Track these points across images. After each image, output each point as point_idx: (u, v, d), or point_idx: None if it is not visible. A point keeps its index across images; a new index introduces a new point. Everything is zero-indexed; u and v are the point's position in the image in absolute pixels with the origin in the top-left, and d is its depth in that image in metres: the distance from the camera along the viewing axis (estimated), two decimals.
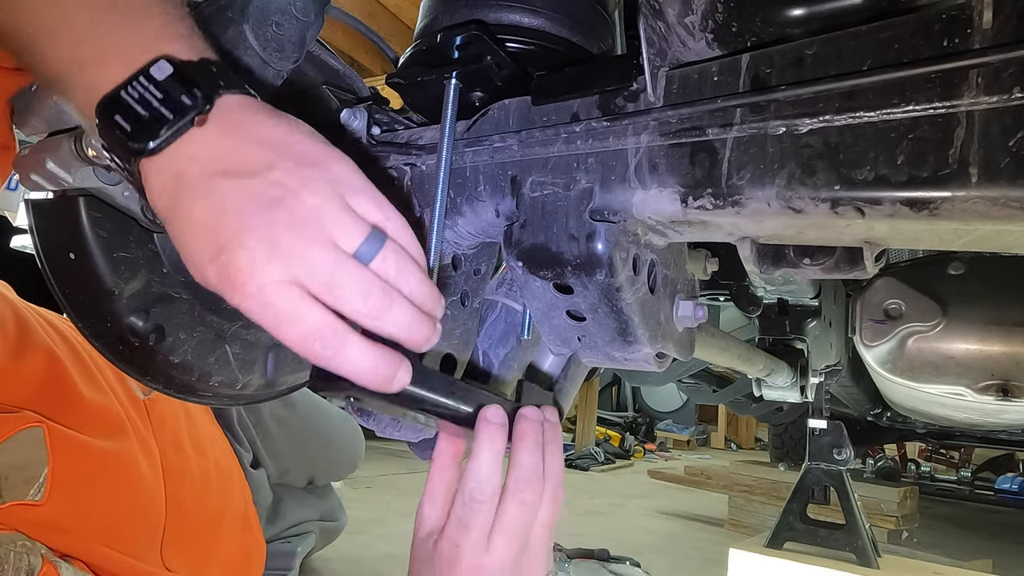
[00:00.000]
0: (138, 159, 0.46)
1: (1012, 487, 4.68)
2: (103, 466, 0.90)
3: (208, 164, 0.45)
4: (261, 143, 0.46)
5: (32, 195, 0.75)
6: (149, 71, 0.46)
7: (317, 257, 0.44)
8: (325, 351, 0.44)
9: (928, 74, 0.47)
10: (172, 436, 1.09)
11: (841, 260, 0.66)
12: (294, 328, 0.43)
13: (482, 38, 0.68)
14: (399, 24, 3.48)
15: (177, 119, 0.45)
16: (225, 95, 0.47)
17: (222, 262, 0.43)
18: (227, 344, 0.86)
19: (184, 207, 0.45)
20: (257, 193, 0.44)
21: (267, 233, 0.43)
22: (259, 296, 0.43)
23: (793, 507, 1.83)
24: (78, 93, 0.48)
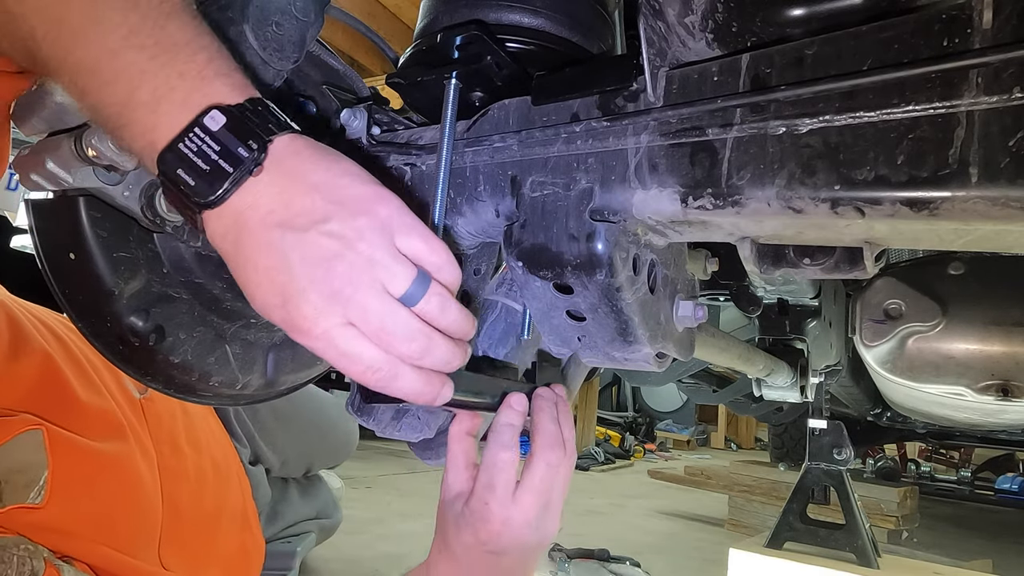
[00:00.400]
0: (202, 211, 0.50)
1: (1012, 487, 4.68)
2: (102, 468, 0.90)
3: (267, 214, 0.50)
4: (314, 190, 0.50)
5: (32, 195, 0.75)
6: (203, 122, 0.49)
7: (371, 306, 0.49)
8: (380, 382, 0.51)
9: (928, 74, 0.47)
10: (168, 435, 1.09)
11: (841, 260, 0.66)
12: (355, 365, 0.50)
13: (482, 38, 0.68)
14: (399, 24, 3.48)
15: (237, 173, 0.49)
16: (275, 139, 0.51)
17: (289, 309, 0.49)
18: (227, 344, 0.86)
19: (247, 255, 0.50)
20: (317, 246, 0.49)
21: (327, 286, 0.49)
22: (323, 339, 0.49)
23: (793, 507, 1.83)
24: (133, 137, 0.51)
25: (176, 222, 0.75)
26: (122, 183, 0.71)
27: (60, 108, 0.69)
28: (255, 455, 1.51)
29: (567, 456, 0.69)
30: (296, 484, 1.79)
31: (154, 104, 0.50)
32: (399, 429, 0.73)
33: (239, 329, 0.88)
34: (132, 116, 0.50)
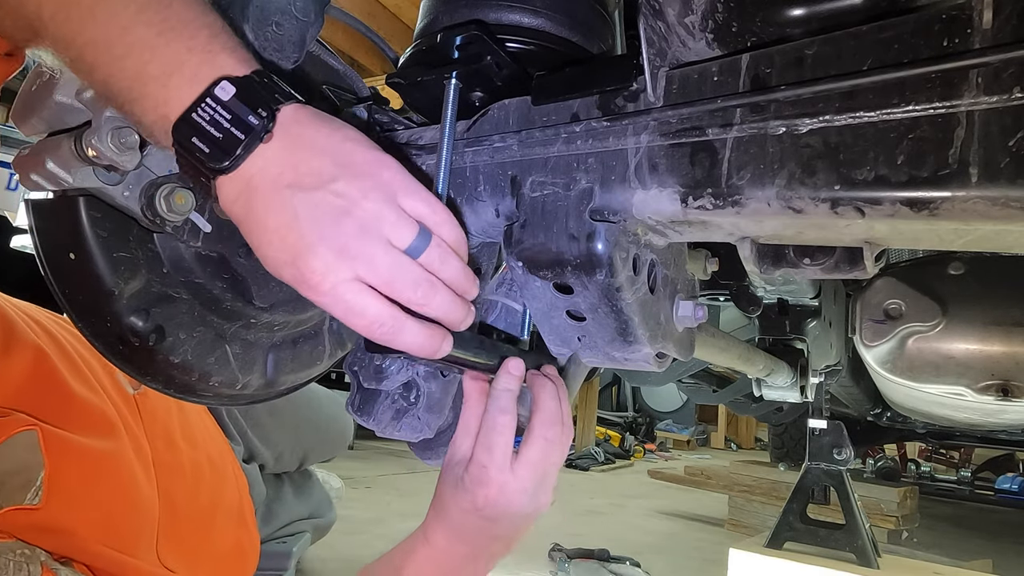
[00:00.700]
0: (216, 177, 0.52)
1: (1012, 487, 4.68)
2: (98, 466, 0.90)
3: (276, 176, 0.52)
4: (322, 154, 0.53)
5: (32, 195, 0.74)
6: (214, 92, 0.52)
7: (378, 258, 0.52)
8: (386, 335, 0.53)
9: (928, 74, 0.47)
10: (163, 430, 1.08)
11: (841, 260, 0.66)
12: (361, 318, 0.52)
13: (482, 38, 0.68)
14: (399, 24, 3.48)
15: (249, 139, 0.52)
16: (283, 108, 0.53)
17: (298, 266, 0.51)
18: (227, 344, 0.86)
19: (258, 216, 0.52)
20: (324, 204, 0.52)
21: (336, 241, 0.51)
22: (331, 293, 0.51)
23: (793, 507, 1.83)
24: (144, 111, 0.53)
25: (176, 222, 0.75)
26: (122, 183, 0.71)
27: (60, 108, 0.69)
28: (249, 452, 1.50)
29: (564, 433, 0.71)
30: (290, 483, 1.79)
31: (165, 78, 0.52)
32: (399, 429, 0.73)
33: (239, 329, 0.88)
34: (144, 90, 0.53)
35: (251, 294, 0.86)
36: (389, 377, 0.69)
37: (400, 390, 0.72)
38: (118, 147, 0.66)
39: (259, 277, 0.87)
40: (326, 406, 1.85)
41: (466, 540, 0.72)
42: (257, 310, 0.88)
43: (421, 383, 0.72)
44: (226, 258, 0.84)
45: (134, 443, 0.99)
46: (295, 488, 1.79)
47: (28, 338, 0.94)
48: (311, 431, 1.76)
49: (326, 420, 1.83)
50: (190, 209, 0.75)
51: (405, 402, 0.72)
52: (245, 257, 0.85)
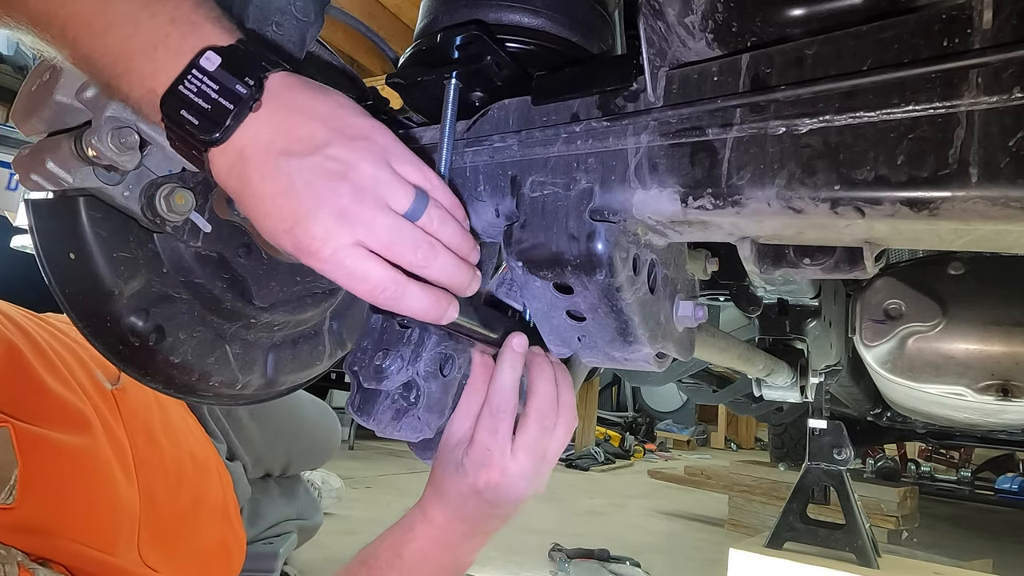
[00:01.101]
0: (208, 148, 0.51)
1: (1012, 487, 4.68)
2: (73, 463, 0.88)
3: (268, 143, 0.51)
4: (313, 119, 0.52)
5: (32, 195, 0.74)
6: (199, 63, 0.51)
7: (377, 222, 0.51)
8: (389, 300, 0.52)
9: (928, 74, 0.47)
10: (143, 427, 1.06)
11: (841, 260, 0.66)
12: (363, 283, 0.51)
13: (482, 38, 0.68)
14: (399, 24, 3.48)
15: (237, 108, 0.50)
16: (270, 75, 0.52)
17: (297, 233, 0.50)
18: (227, 344, 0.86)
19: (253, 186, 0.51)
20: (320, 169, 0.51)
21: (335, 204, 0.50)
22: (332, 259, 0.51)
23: (793, 507, 1.83)
24: (131, 85, 0.52)
25: (176, 222, 0.75)
26: (122, 183, 0.71)
27: (60, 108, 0.69)
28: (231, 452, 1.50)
29: (563, 419, 0.71)
30: (277, 484, 1.78)
31: (150, 51, 0.51)
32: (399, 429, 0.73)
33: (239, 329, 0.88)
34: (129, 65, 0.52)
35: (251, 294, 0.86)
36: (389, 377, 0.69)
37: (400, 390, 0.72)
38: (118, 147, 0.66)
39: (259, 277, 0.87)
40: (310, 413, 1.83)
41: (465, 519, 0.72)
42: (257, 310, 0.88)
43: (421, 383, 0.72)
44: (226, 258, 0.84)
45: (112, 440, 0.97)
46: (281, 490, 1.78)
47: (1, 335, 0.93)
48: (293, 438, 1.74)
49: (310, 428, 1.81)
50: (190, 209, 0.75)
51: (405, 402, 0.72)
52: (245, 257, 0.85)
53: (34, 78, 0.72)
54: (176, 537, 1.06)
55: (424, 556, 0.73)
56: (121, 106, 0.66)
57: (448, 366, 0.76)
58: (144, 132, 0.68)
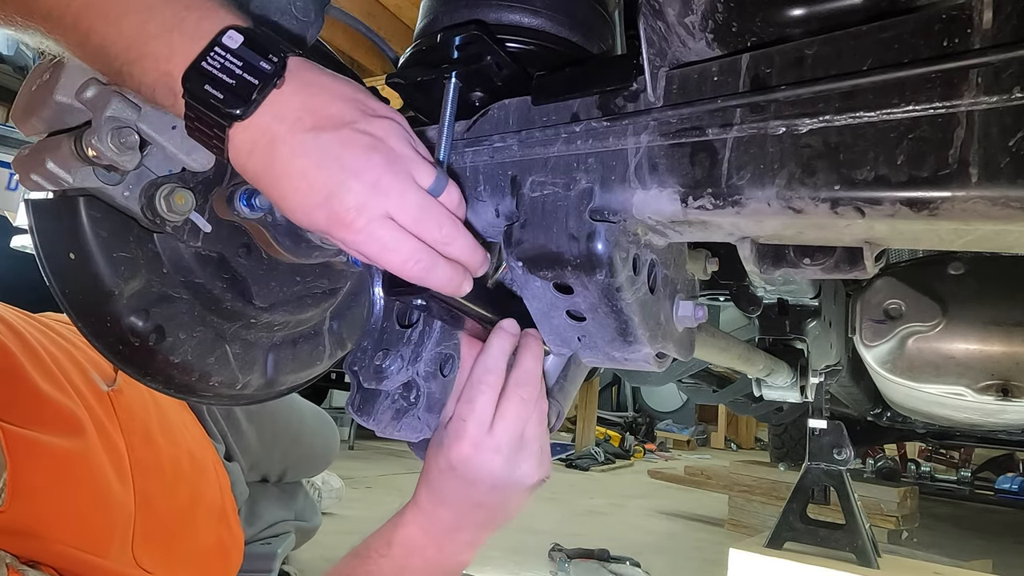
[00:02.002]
0: (230, 124, 0.51)
1: (1012, 487, 4.68)
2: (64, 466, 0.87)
3: (296, 121, 0.51)
4: (340, 99, 0.53)
5: (32, 195, 0.74)
6: (222, 41, 0.51)
7: (408, 195, 0.52)
8: (420, 272, 0.54)
9: (928, 74, 0.47)
10: (140, 427, 1.05)
11: (841, 260, 0.66)
12: (395, 255, 0.53)
13: (482, 38, 0.68)
14: (399, 24, 3.48)
15: (263, 83, 0.51)
16: (290, 56, 0.53)
17: (332, 205, 0.51)
18: (227, 344, 0.86)
19: (281, 163, 0.52)
20: (351, 141, 0.52)
21: (369, 176, 0.51)
22: (366, 230, 0.51)
23: (793, 507, 1.83)
24: (145, 71, 0.52)
25: (176, 222, 0.75)
26: (122, 183, 0.71)
27: (60, 108, 0.69)
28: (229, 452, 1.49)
29: (541, 398, 0.69)
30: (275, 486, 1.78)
31: (166, 35, 0.52)
32: (399, 429, 0.73)
33: (239, 329, 0.88)
34: (143, 49, 0.52)
35: (251, 294, 0.86)
36: (389, 377, 0.69)
37: (400, 390, 0.72)
38: (118, 147, 0.66)
39: (259, 277, 0.87)
40: (309, 421, 1.82)
41: (447, 504, 0.70)
42: (257, 310, 0.88)
43: (421, 383, 0.72)
44: (226, 258, 0.84)
45: (106, 441, 0.96)
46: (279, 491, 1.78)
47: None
48: (291, 445, 1.73)
49: (309, 435, 1.80)
50: (190, 209, 0.75)
51: (405, 402, 0.72)
52: (245, 257, 0.85)
53: (34, 78, 0.72)
54: (172, 537, 1.06)
55: (413, 548, 0.71)
56: (121, 106, 0.65)
57: (448, 366, 0.76)
58: (144, 132, 0.68)
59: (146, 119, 0.67)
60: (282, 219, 0.83)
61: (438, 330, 0.72)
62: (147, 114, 0.66)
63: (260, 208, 0.79)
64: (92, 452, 0.93)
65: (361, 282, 1.04)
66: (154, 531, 1.00)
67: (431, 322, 0.71)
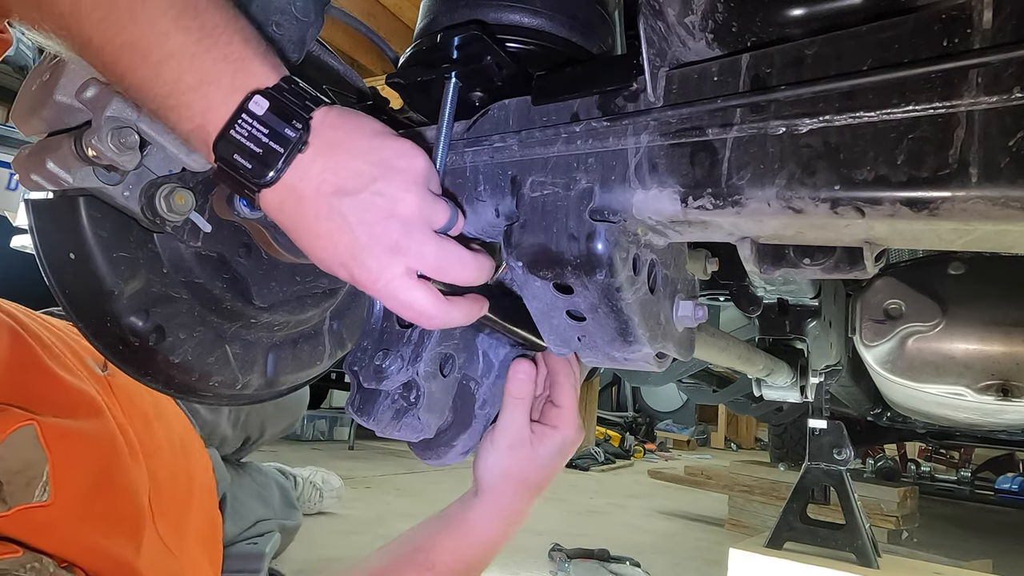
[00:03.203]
0: (260, 190, 0.55)
1: (1012, 487, 4.68)
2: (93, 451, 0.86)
3: (320, 184, 0.55)
4: (356, 155, 0.56)
5: (32, 195, 0.74)
6: (248, 107, 0.54)
7: (426, 249, 0.57)
8: (435, 322, 0.59)
9: (928, 74, 0.47)
10: (139, 410, 1.05)
11: (841, 260, 0.66)
12: (411, 311, 0.57)
13: (482, 38, 0.68)
14: (399, 24, 3.48)
15: (288, 152, 0.54)
16: (314, 114, 0.56)
17: (352, 266, 0.56)
18: (227, 344, 0.86)
19: (308, 224, 0.56)
20: (370, 206, 0.55)
21: (386, 240, 0.55)
22: (386, 291, 0.56)
23: (793, 507, 1.83)
24: (180, 119, 0.55)
25: (176, 222, 0.75)
26: (122, 183, 0.71)
27: (60, 108, 0.69)
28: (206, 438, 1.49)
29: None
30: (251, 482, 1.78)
31: (203, 88, 0.54)
32: (399, 429, 0.73)
33: (239, 329, 0.88)
34: (181, 99, 0.54)
35: (251, 294, 0.86)
36: (389, 377, 0.69)
37: (400, 390, 0.72)
38: (118, 147, 0.66)
39: (259, 277, 0.87)
40: None
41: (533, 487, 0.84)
42: (257, 310, 0.88)
43: (421, 383, 0.72)
44: (226, 258, 0.84)
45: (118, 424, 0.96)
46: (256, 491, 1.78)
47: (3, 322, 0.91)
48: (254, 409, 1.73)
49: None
50: (190, 209, 0.75)
51: (405, 402, 0.72)
52: (245, 257, 0.85)
53: (34, 78, 0.72)
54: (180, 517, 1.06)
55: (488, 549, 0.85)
56: (121, 106, 0.66)
57: (448, 366, 0.76)
58: (144, 132, 0.68)
59: (146, 119, 0.67)
60: None
61: (438, 330, 0.72)
62: (147, 114, 0.66)
63: (260, 208, 0.78)
64: (111, 433, 0.93)
65: None
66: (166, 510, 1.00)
67: None
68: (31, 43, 2.03)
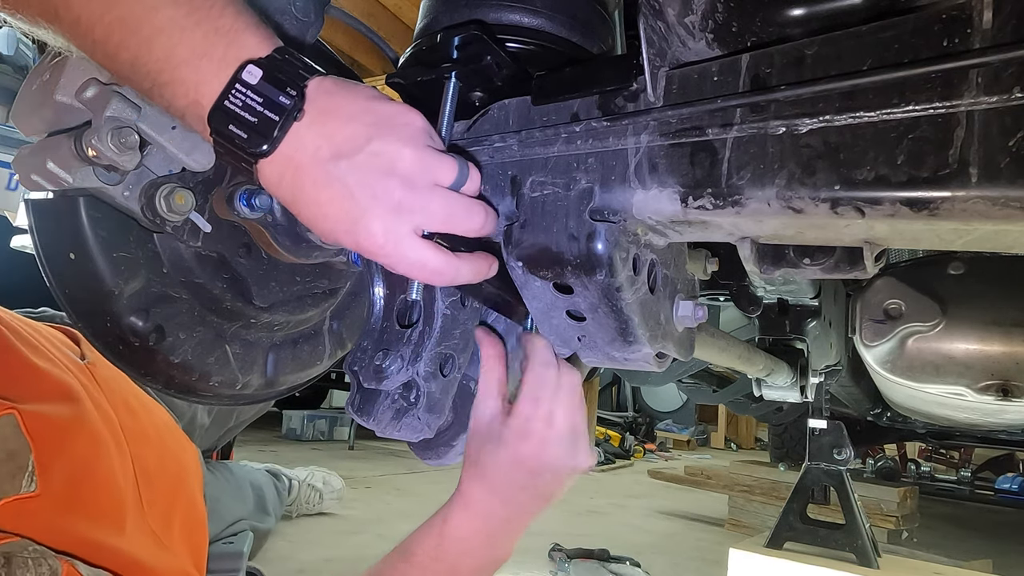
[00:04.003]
0: (256, 160, 0.53)
1: (1012, 487, 4.68)
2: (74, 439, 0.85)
3: (315, 151, 0.53)
4: (351, 119, 0.54)
5: (32, 195, 0.74)
6: (242, 77, 0.52)
7: (432, 204, 0.55)
8: (445, 280, 0.57)
9: (928, 74, 0.47)
10: (121, 398, 1.03)
11: (841, 260, 0.66)
12: (422, 271, 0.56)
13: (482, 38, 0.68)
14: (399, 24, 3.48)
15: (283, 120, 0.53)
16: (309, 82, 0.54)
17: (357, 231, 0.54)
18: (227, 344, 0.86)
19: (307, 193, 0.54)
20: (367, 166, 0.53)
21: (388, 199, 0.53)
22: (395, 252, 0.54)
23: (793, 507, 1.83)
24: (175, 95, 0.54)
25: (176, 222, 0.75)
26: (122, 183, 0.71)
27: (60, 108, 0.69)
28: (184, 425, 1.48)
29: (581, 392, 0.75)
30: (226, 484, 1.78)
31: (195, 61, 0.52)
32: (399, 429, 0.73)
33: (239, 329, 0.88)
34: (174, 75, 0.53)
35: (251, 294, 0.86)
36: (389, 377, 0.69)
37: (400, 390, 0.72)
38: (118, 147, 0.66)
39: (259, 277, 0.87)
40: None
41: (506, 498, 0.73)
42: (257, 310, 0.88)
43: (421, 383, 0.72)
44: (226, 258, 0.84)
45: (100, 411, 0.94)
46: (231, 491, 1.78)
47: None
48: None
49: None
50: (190, 209, 0.75)
51: (405, 402, 0.72)
52: (245, 257, 0.85)
53: (34, 78, 0.72)
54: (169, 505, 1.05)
55: (465, 546, 0.74)
56: (121, 106, 0.66)
57: (448, 366, 0.76)
58: (144, 132, 0.68)
59: (146, 119, 0.67)
60: (282, 219, 0.83)
61: (438, 330, 0.72)
62: (147, 114, 0.66)
63: (260, 208, 0.79)
64: (89, 418, 0.91)
65: (361, 282, 1.04)
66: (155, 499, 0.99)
67: (431, 322, 0.71)
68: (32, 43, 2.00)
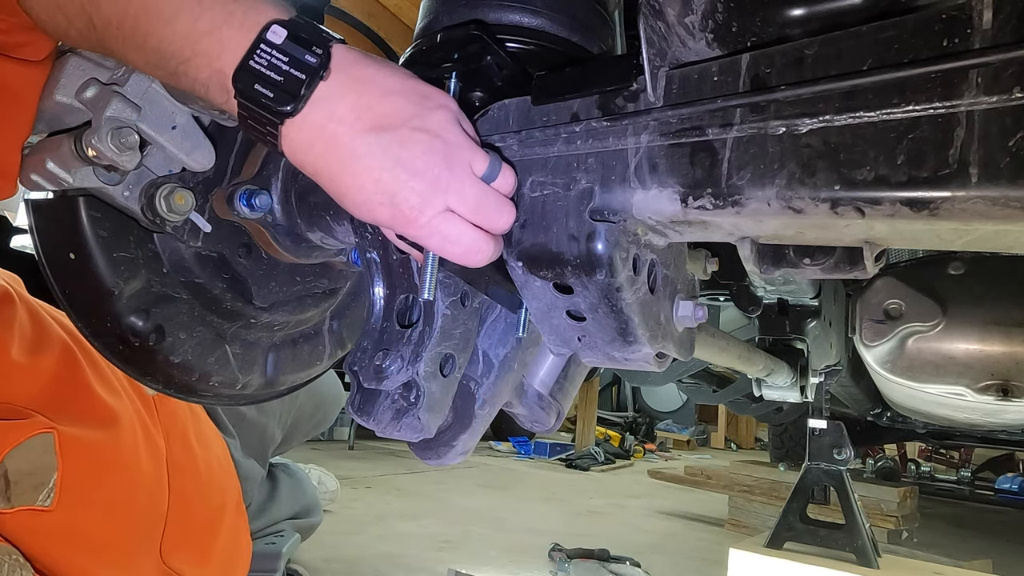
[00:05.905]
0: (282, 122, 0.53)
1: (1012, 487, 4.68)
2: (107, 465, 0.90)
3: (354, 122, 0.53)
4: (392, 93, 0.55)
5: (32, 195, 0.74)
6: (266, 37, 0.53)
7: (467, 189, 0.56)
8: (476, 258, 0.58)
9: (928, 74, 0.47)
10: (180, 431, 1.09)
11: (841, 260, 0.66)
12: (457, 246, 0.56)
13: (482, 38, 0.68)
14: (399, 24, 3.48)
15: (309, 78, 0.52)
16: (333, 46, 0.54)
17: (396, 204, 0.54)
18: (227, 344, 0.86)
19: (344, 163, 0.54)
20: (410, 141, 0.54)
21: (429, 174, 0.54)
22: (429, 225, 0.55)
23: (793, 507, 1.83)
24: (199, 68, 0.54)
25: (176, 222, 0.75)
26: (122, 183, 0.71)
27: (60, 108, 0.69)
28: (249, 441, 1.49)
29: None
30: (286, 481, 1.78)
31: (216, 32, 0.53)
32: (399, 429, 0.73)
33: (239, 329, 0.88)
34: (196, 48, 0.53)
35: (251, 294, 0.86)
36: (389, 377, 0.69)
37: (400, 390, 0.72)
38: (118, 147, 0.66)
39: (259, 277, 0.87)
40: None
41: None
42: (257, 310, 0.88)
43: (421, 383, 0.72)
44: (226, 258, 0.84)
45: (148, 441, 0.99)
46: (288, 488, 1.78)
47: (57, 336, 0.95)
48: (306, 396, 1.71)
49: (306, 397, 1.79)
50: (190, 209, 0.75)
51: (405, 402, 0.72)
52: (245, 257, 0.85)
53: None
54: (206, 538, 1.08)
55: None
56: (121, 106, 0.66)
57: (448, 366, 0.76)
58: (144, 132, 0.68)
59: (146, 119, 0.67)
60: (282, 219, 0.83)
61: (438, 330, 0.72)
62: (147, 114, 0.66)
63: (260, 208, 0.79)
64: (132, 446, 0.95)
65: (361, 282, 1.04)
66: (190, 531, 1.02)
67: (431, 322, 0.71)
68: None
